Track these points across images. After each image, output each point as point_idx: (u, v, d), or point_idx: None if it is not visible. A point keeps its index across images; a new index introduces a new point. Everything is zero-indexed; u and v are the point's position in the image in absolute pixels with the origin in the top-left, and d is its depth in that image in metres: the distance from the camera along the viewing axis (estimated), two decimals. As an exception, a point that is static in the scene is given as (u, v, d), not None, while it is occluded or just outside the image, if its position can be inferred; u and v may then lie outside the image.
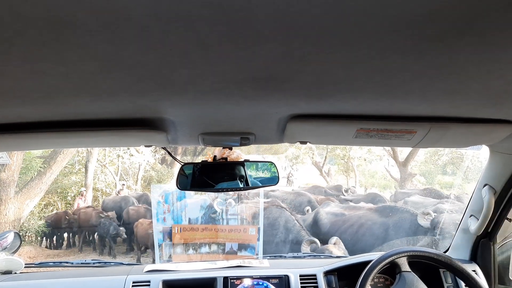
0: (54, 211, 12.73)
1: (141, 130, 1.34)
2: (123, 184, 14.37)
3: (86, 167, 13.39)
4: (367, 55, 0.79)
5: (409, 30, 0.68)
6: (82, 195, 12.87)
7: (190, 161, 1.78)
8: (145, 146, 1.63)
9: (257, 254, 6.58)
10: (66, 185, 14.37)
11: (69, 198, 14.38)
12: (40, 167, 10.57)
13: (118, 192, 13.75)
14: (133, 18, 0.63)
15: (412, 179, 16.40)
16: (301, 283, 2.26)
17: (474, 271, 2.21)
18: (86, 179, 13.32)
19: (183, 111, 1.21)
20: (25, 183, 10.50)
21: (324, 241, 6.76)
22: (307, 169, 21.81)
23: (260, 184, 1.97)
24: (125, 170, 15.96)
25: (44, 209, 13.65)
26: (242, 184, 1.86)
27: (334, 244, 6.77)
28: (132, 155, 14.83)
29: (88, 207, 12.10)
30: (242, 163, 1.86)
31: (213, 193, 7.48)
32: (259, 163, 1.96)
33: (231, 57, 0.79)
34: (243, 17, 0.64)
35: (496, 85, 0.97)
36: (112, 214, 10.96)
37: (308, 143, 1.57)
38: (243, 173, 1.87)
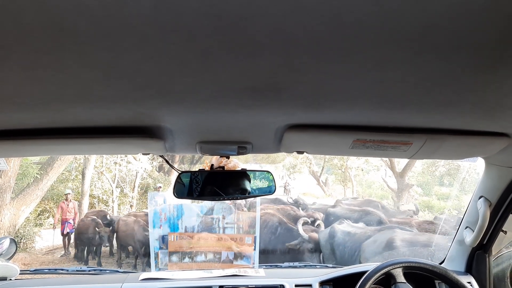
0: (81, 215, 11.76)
1: (138, 138, 1.34)
2: (160, 187, 13.42)
3: (83, 174, 13.06)
4: (364, 66, 0.79)
5: (406, 42, 0.69)
6: (66, 200, 11.57)
7: (188, 169, 1.77)
8: (143, 154, 1.63)
9: (253, 263, 6.55)
10: (62, 192, 14.23)
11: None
12: (36, 173, 10.40)
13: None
14: (133, 27, 0.64)
15: (410, 189, 16.36)
16: None
17: (469, 283, 2.21)
18: (82, 186, 12.98)
19: (181, 120, 1.21)
20: (22, 189, 10.35)
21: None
22: (304, 179, 21.77)
23: (257, 193, 1.97)
24: (122, 178, 15.86)
25: (40, 216, 13.52)
26: (239, 193, 1.86)
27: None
28: (129, 162, 14.72)
29: (129, 214, 10.89)
30: (239, 172, 1.86)
31: (210, 201, 7.47)
32: (256, 172, 1.96)
33: (229, 67, 0.80)
34: (241, 28, 0.65)
35: (492, 97, 0.97)
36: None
37: (305, 153, 1.57)
38: (240, 182, 1.87)
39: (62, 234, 11.31)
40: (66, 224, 11.24)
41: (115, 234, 10.32)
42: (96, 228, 10.02)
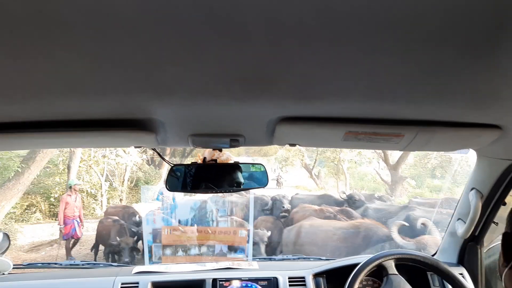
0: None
1: (130, 130, 1.33)
2: None
3: (68, 167, 12.41)
4: (353, 57, 0.80)
5: (396, 32, 0.69)
6: (75, 190, 9.80)
7: (179, 162, 1.77)
8: (135, 147, 1.62)
9: (246, 256, 6.57)
10: (49, 186, 14.05)
11: (52, 199, 14.07)
12: (17, 166, 9.95)
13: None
14: (123, 17, 0.64)
15: (403, 182, 16.41)
16: (290, 285, 2.28)
17: (461, 274, 2.23)
18: (68, 180, 12.05)
19: (172, 112, 1.20)
20: (1, 184, 9.89)
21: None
22: (296, 172, 21.82)
23: (250, 186, 1.98)
24: (111, 171, 15.77)
25: (26, 210, 13.35)
26: (232, 185, 1.86)
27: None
28: (118, 155, 14.57)
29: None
30: (231, 165, 1.86)
31: (203, 194, 7.47)
32: (249, 165, 1.96)
33: (219, 58, 0.80)
34: (232, 18, 0.65)
35: (483, 89, 0.98)
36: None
37: (297, 145, 1.57)
38: (233, 175, 1.87)
39: (66, 237, 9.60)
40: (75, 224, 9.58)
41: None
42: (118, 238, 8.31)
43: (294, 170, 22.11)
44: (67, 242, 9.71)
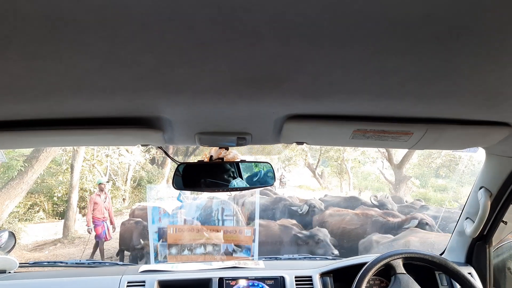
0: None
1: (138, 129, 1.33)
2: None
3: (71, 167, 12.31)
4: (363, 56, 0.79)
5: (406, 31, 0.69)
6: (102, 190, 9.74)
7: (182, 161, 1.75)
8: (142, 145, 1.62)
9: (252, 255, 6.58)
10: (52, 185, 14.13)
11: (55, 198, 14.16)
12: (21, 166, 9.97)
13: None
14: (132, 16, 0.64)
15: (407, 181, 16.37)
16: (296, 284, 2.27)
17: (469, 273, 2.22)
18: (71, 179, 12.29)
19: (179, 111, 1.20)
20: (5, 183, 9.91)
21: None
22: (300, 171, 21.83)
23: (256, 185, 1.97)
24: (114, 170, 15.81)
25: (30, 209, 13.40)
26: (239, 184, 1.86)
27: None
28: (121, 154, 14.62)
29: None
30: (238, 164, 1.86)
31: (210, 193, 7.48)
32: (256, 164, 1.96)
33: (228, 57, 0.79)
34: (240, 18, 0.64)
35: (492, 87, 0.97)
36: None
37: (304, 143, 1.57)
38: (239, 173, 1.87)
39: (98, 239, 9.58)
40: (105, 226, 9.54)
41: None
42: (141, 240, 8.04)
43: (297, 170, 22.14)
44: (100, 243, 9.63)
